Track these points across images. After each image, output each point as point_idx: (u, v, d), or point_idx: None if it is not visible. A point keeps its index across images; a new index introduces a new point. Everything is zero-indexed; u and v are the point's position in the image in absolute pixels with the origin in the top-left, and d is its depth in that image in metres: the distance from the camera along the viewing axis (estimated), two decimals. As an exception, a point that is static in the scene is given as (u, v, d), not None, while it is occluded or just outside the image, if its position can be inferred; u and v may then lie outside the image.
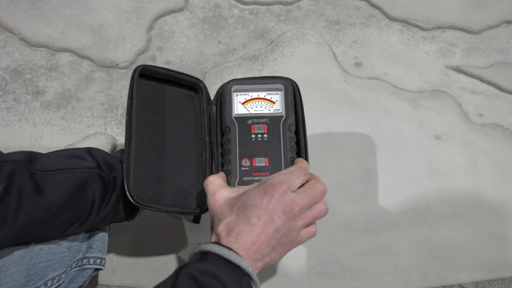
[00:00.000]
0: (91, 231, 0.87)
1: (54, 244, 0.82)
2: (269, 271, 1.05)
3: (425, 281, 1.05)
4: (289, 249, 0.74)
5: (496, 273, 1.06)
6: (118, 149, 1.18)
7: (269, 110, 0.86)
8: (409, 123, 1.24)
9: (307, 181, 0.76)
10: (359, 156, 1.19)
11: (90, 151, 0.85)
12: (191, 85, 0.99)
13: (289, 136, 0.84)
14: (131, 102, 0.88)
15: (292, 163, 0.82)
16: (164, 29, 1.39)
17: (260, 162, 0.82)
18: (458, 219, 1.11)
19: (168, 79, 0.96)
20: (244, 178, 0.81)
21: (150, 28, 1.39)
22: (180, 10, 1.44)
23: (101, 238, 0.87)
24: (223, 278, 0.64)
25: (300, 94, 0.89)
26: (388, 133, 1.22)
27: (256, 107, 0.87)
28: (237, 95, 0.88)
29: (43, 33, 1.36)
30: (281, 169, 0.81)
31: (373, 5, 1.46)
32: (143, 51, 1.35)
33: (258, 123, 0.85)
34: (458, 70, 1.34)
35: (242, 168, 0.82)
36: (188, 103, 0.98)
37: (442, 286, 1.05)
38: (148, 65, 0.93)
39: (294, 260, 1.06)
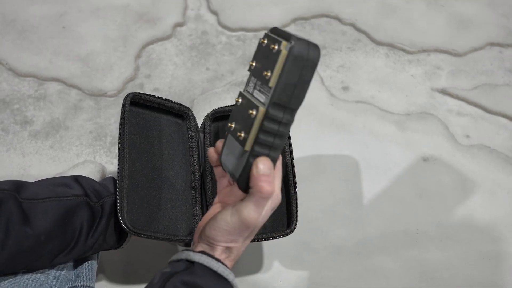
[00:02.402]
0: (80, 260, 0.87)
1: (42, 273, 0.81)
2: (260, 296, 1.05)
3: (416, 303, 1.05)
4: None
5: (487, 293, 1.06)
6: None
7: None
8: (397, 145, 1.25)
9: None
10: (348, 179, 1.19)
11: (77, 179, 0.85)
12: (178, 113, 0.99)
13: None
14: (123, 130, 0.89)
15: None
16: (152, 57, 1.40)
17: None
18: (448, 240, 1.11)
19: (157, 107, 0.97)
20: None
21: (138, 56, 1.40)
22: (167, 37, 1.45)
23: (90, 266, 0.87)
24: None
25: None
26: (376, 156, 1.23)
27: None
28: None
29: (31, 63, 1.37)
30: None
31: (359, 30, 1.48)
32: (131, 79, 1.35)
33: None
34: (444, 92, 1.35)
35: None
36: (176, 130, 0.99)
37: (434, 308, 1.05)
38: (138, 93, 0.93)
39: (285, 284, 1.05)
